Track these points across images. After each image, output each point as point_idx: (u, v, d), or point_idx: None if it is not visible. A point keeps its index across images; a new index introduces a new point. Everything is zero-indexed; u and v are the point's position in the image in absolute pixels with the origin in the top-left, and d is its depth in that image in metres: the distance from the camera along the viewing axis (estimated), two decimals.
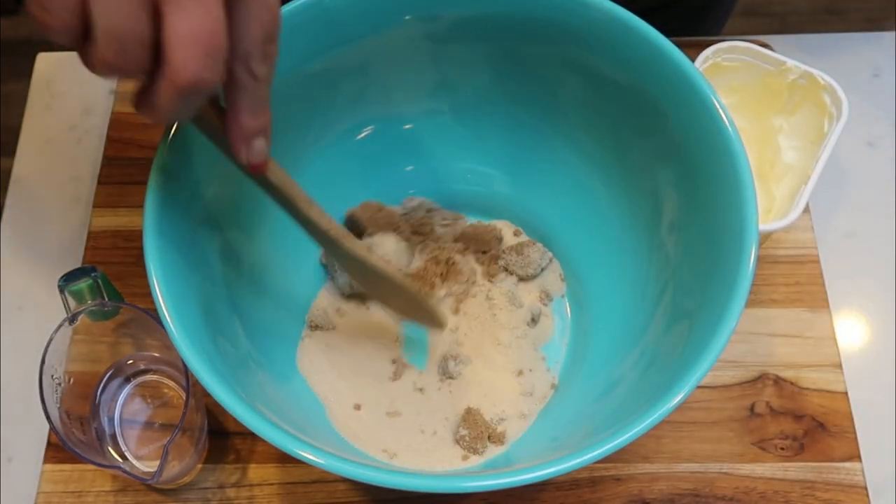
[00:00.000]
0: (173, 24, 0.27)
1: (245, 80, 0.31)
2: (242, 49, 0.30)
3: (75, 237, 0.57)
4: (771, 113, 0.56)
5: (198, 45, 0.28)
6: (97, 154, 0.60)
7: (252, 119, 0.33)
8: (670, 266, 0.45)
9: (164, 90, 0.29)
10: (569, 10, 0.43)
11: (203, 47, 0.28)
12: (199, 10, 0.27)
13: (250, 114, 0.33)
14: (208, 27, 0.28)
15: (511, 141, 0.53)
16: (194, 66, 0.28)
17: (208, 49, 0.28)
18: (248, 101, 0.32)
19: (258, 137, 0.34)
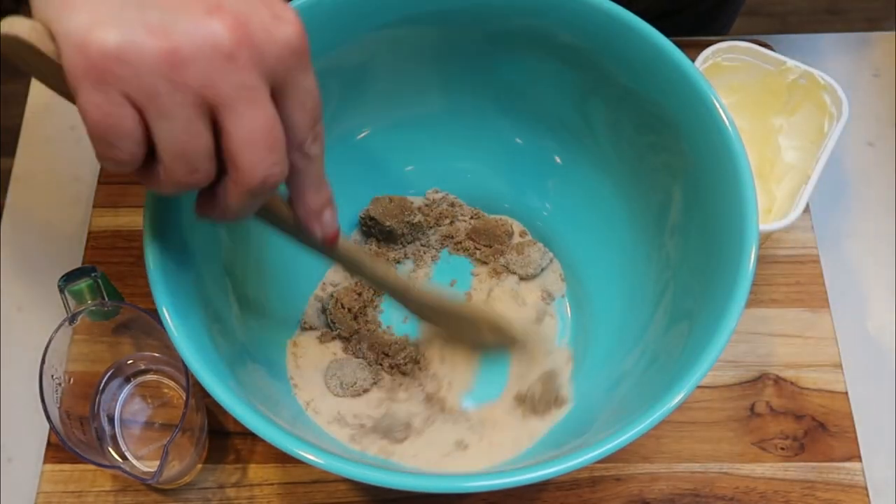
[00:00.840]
0: (234, 130, 0.29)
1: (303, 164, 0.33)
2: (296, 138, 0.32)
3: (75, 237, 0.57)
4: (771, 113, 0.56)
5: (261, 144, 0.29)
6: None
7: (317, 196, 0.35)
8: (670, 266, 0.45)
9: (234, 192, 0.30)
10: (569, 10, 0.43)
11: (266, 145, 0.29)
12: (254, 112, 0.29)
13: (315, 192, 0.35)
14: (266, 125, 0.29)
15: (511, 141, 0.53)
16: (262, 164, 0.29)
17: (271, 146, 0.29)
18: (311, 181, 0.34)
19: (326, 210, 0.36)
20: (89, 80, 0.27)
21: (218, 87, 0.28)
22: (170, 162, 0.29)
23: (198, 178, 0.30)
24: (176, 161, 0.29)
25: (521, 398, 0.47)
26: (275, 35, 0.29)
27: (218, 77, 0.28)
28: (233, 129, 0.29)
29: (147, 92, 0.27)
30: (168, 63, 0.27)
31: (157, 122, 0.28)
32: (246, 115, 0.29)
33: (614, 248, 0.50)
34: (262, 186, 0.30)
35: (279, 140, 0.30)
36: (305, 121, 0.32)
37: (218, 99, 0.28)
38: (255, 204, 0.31)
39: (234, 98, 0.28)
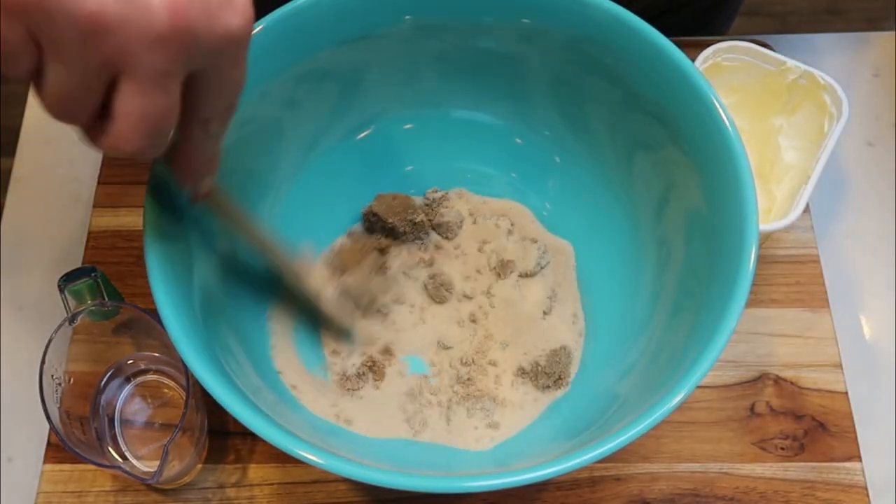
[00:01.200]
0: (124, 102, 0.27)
1: (201, 136, 0.33)
2: (202, 115, 0.31)
3: (75, 237, 0.56)
4: (771, 113, 0.56)
5: (142, 127, 0.28)
6: (97, 154, 0.59)
7: (203, 164, 0.35)
8: (671, 265, 0.45)
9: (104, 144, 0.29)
10: (569, 10, 0.43)
11: (146, 130, 0.28)
12: (152, 95, 0.27)
13: (202, 160, 0.35)
14: (156, 112, 0.28)
15: (511, 141, 0.53)
16: (133, 142, 0.28)
17: (150, 132, 0.28)
18: (202, 150, 0.34)
19: (206, 177, 0.36)
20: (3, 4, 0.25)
21: (131, 60, 0.26)
22: (48, 97, 0.28)
23: (73, 121, 0.29)
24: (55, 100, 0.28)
25: (524, 371, 0.47)
26: (216, 24, 0.27)
27: (136, 52, 0.26)
28: (127, 101, 0.28)
29: (54, 39, 0.26)
30: (90, 23, 0.25)
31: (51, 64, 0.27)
32: (146, 95, 0.27)
33: (614, 248, 0.50)
34: (128, 156, 0.29)
35: (165, 127, 0.29)
36: (218, 105, 0.31)
37: (127, 70, 0.27)
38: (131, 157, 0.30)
39: (143, 76, 0.27)
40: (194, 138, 0.33)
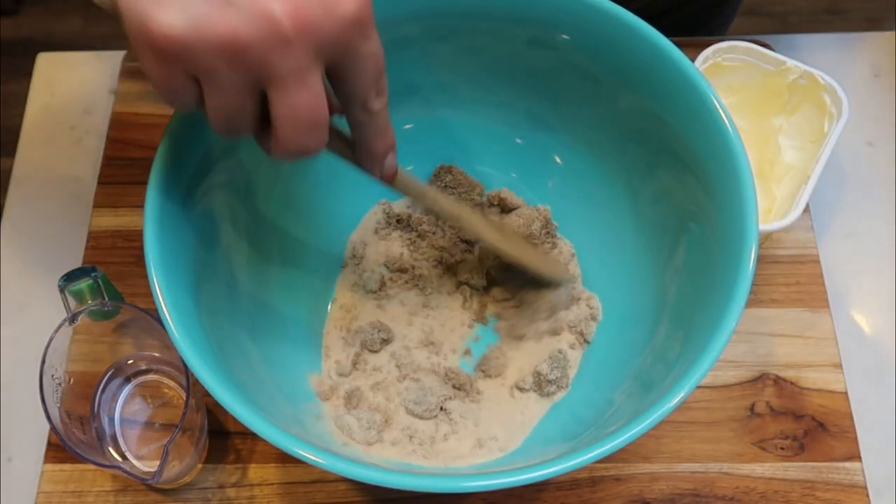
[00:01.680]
0: (278, 106, 0.31)
1: (365, 118, 0.35)
2: (358, 97, 0.34)
3: (75, 237, 0.56)
4: (771, 113, 0.56)
5: (300, 122, 0.31)
6: (97, 154, 0.60)
7: (379, 144, 0.37)
8: (671, 264, 0.45)
9: (276, 150, 0.32)
10: (569, 9, 0.43)
11: (305, 124, 0.31)
12: (299, 92, 0.30)
13: (377, 141, 0.37)
14: (308, 104, 0.31)
15: (511, 141, 0.53)
16: (298, 139, 0.32)
17: (309, 124, 0.31)
18: (373, 132, 0.36)
19: (389, 155, 0.38)
20: (152, 54, 0.29)
21: (271, 69, 0.29)
22: (215, 119, 0.31)
23: (240, 134, 0.32)
24: (220, 119, 0.31)
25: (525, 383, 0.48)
26: (334, 14, 0.30)
27: (273, 60, 0.29)
28: (277, 105, 0.31)
29: (205, 71, 0.29)
30: (229, 49, 0.28)
31: (208, 91, 0.30)
32: (291, 94, 0.30)
33: (615, 247, 0.50)
34: (298, 154, 0.32)
35: (318, 119, 0.31)
36: (366, 82, 0.33)
37: (269, 78, 0.30)
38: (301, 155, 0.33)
39: (283, 78, 0.30)
40: (361, 123, 0.35)
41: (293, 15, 0.28)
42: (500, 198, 0.52)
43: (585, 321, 0.49)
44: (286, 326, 0.49)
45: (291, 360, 0.48)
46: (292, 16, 0.28)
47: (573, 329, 0.49)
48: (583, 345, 0.49)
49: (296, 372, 0.47)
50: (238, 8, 0.28)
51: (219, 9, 0.28)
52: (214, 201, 0.43)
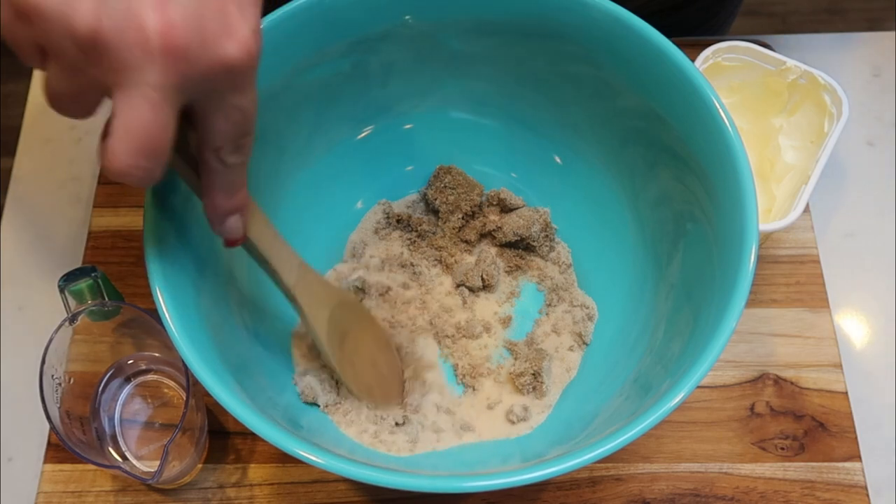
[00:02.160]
0: (116, 117, 0.28)
1: (216, 166, 0.32)
2: (213, 143, 0.31)
3: (75, 237, 0.57)
4: (771, 113, 0.56)
5: (132, 143, 0.28)
6: (97, 154, 0.59)
7: (226, 200, 0.34)
8: (671, 264, 0.45)
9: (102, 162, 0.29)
10: (569, 9, 0.43)
11: (136, 147, 0.28)
12: (143, 111, 0.27)
13: (224, 195, 0.34)
14: (147, 129, 0.28)
15: (511, 141, 0.53)
16: (124, 160, 0.28)
17: (140, 150, 0.28)
18: (221, 185, 0.33)
19: (232, 216, 0.35)
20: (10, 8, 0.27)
21: (121, 75, 0.27)
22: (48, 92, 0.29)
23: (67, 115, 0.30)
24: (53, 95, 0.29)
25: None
26: (210, 51, 0.27)
27: (127, 69, 0.27)
28: (116, 115, 0.28)
29: (53, 48, 0.27)
30: (86, 39, 0.26)
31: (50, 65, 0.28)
32: (133, 109, 0.28)
33: (614, 247, 0.50)
34: (125, 177, 0.29)
35: (154, 147, 0.28)
36: (226, 131, 0.31)
37: (117, 83, 0.27)
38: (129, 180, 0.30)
39: (130, 89, 0.27)
40: (210, 169, 0.33)
41: (164, 33, 0.26)
42: (500, 198, 0.52)
43: (583, 322, 0.49)
44: (286, 326, 0.49)
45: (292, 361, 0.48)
46: (163, 34, 0.26)
47: (571, 330, 0.49)
48: (581, 346, 0.49)
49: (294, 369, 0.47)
50: (109, 3, 0.26)
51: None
52: None
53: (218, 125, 0.30)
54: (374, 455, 0.44)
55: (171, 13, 0.26)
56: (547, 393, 0.47)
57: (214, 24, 0.27)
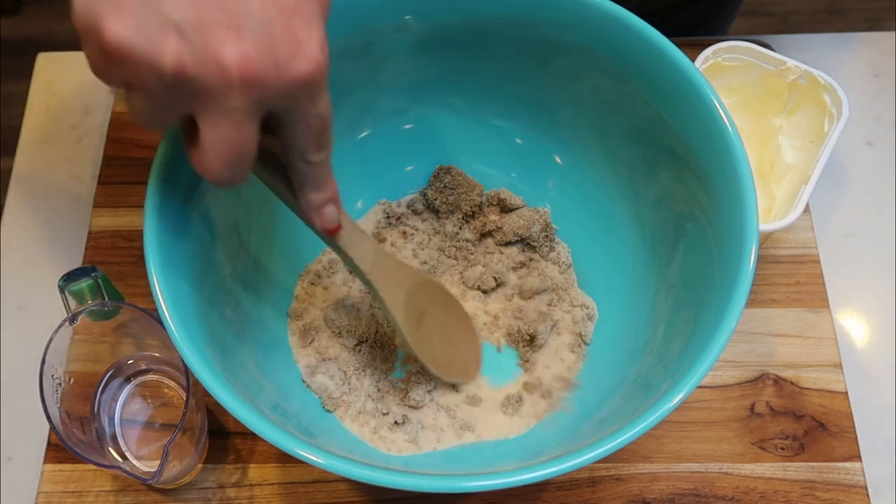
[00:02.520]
0: (204, 136, 0.31)
1: (303, 167, 0.35)
2: (297, 148, 0.34)
3: (75, 237, 0.57)
4: (771, 113, 0.56)
5: (220, 157, 0.31)
6: (97, 154, 0.60)
7: (318, 194, 0.37)
8: (671, 265, 0.45)
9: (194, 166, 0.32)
10: (568, 10, 0.43)
11: (224, 160, 0.31)
12: (228, 130, 0.30)
13: (315, 190, 0.37)
14: (233, 144, 0.31)
15: (511, 141, 0.53)
16: (215, 171, 0.32)
17: (228, 162, 0.31)
18: (311, 182, 0.36)
19: (326, 207, 0.38)
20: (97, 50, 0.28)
21: (205, 104, 0.29)
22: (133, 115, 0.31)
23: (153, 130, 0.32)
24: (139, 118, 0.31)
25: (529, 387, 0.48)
26: (285, 73, 0.30)
27: (209, 97, 0.29)
28: (204, 135, 0.31)
29: (140, 84, 0.29)
30: (171, 77, 0.28)
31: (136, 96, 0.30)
32: (218, 130, 0.30)
33: (614, 247, 0.50)
34: (214, 183, 0.32)
35: (240, 158, 0.31)
36: (307, 138, 0.33)
37: (201, 110, 0.30)
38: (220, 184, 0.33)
39: (215, 115, 0.30)
40: (298, 171, 0.35)
41: (241, 65, 0.28)
42: (500, 198, 0.52)
43: (583, 322, 0.49)
44: (286, 326, 0.49)
45: (291, 360, 0.48)
46: (240, 66, 0.28)
47: (571, 330, 0.49)
48: (582, 346, 0.49)
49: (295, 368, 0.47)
50: (190, 42, 0.28)
51: (173, 36, 0.28)
52: (214, 201, 0.43)
53: (299, 133, 0.33)
54: (375, 455, 0.44)
55: (245, 45, 0.28)
56: (543, 345, 0.47)
57: (285, 46, 0.29)
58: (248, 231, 0.47)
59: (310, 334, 0.48)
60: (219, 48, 0.28)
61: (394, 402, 0.47)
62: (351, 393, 0.46)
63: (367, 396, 0.46)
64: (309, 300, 0.49)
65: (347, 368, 0.47)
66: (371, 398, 0.46)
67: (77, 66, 0.64)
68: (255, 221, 0.47)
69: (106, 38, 0.28)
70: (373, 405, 0.46)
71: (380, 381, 0.47)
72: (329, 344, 0.48)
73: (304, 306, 0.49)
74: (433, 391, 0.47)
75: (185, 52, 0.28)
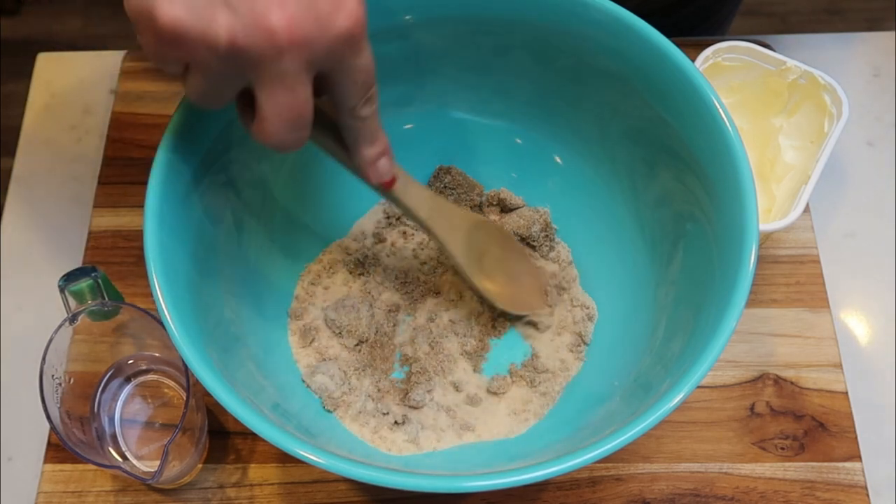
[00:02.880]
0: (262, 105, 0.32)
1: (354, 124, 0.37)
2: (347, 105, 0.36)
3: (75, 237, 0.57)
4: (771, 113, 0.56)
5: (281, 121, 0.33)
6: (97, 154, 0.60)
7: (371, 149, 0.39)
8: (671, 265, 0.45)
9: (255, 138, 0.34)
10: (568, 10, 0.43)
11: (285, 124, 0.33)
12: (284, 94, 0.32)
13: (368, 145, 0.38)
14: (291, 106, 0.32)
15: (511, 141, 0.53)
16: (277, 136, 0.33)
17: (289, 125, 0.33)
18: (363, 137, 0.38)
19: (381, 160, 0.39)
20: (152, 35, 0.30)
21: (260, 72, 0.31)
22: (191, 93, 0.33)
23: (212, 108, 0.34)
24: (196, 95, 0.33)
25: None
26: (329, 29, 0.31)
27: (263, 65, 0.31)
28: (262, 103, 0.32)
29: (197, 61, 0.31)
30: (224, 50, 0.30)
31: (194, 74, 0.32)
32: (275, 96, 0.32)
33: (614, 247, 0.50)
34: (278, 147, 0.34)
35: (300, 120, 0.33)
36: (355, 92, 0.35)
37: (257, 78, 0.31)
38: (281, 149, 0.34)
39: (270, 80, 0.31)
40: (350, 128, 0.37)
41: (288, 28, 0.30)
42: (500, 198, 0.52)
43: (583, 322, 0.49)
44: (286, 326, 0.49)
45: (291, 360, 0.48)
46: (287, 28, 0.30)
47: (571, 330, 0.49)
48: (582, 346, 0.49)
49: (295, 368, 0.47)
50: (238, 14, 0.29)
51: (222, 11, 0.29)
52: (215, 201, 0.43)
53: (348, 88, 0.34)
54: (375, 455, 0.44)
55: (289, 8, 0.30)
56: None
57: (325, 4, 0.31)
58: (249, 231, 0.47)
59: (310, 334, 0.48)
60: (266, 15, 0.30)
61: (394, 402, 0.47)
62: (351, 393, 0.46)
63: (368, 396, 0.46)
64: (309, 300, 0.49)
65: (347, 368, 0.47)
66: (371, 398, 0.46)
67: (77, 66, 0.64)
68: (256, 222, 0.47)
69: (161, 23, 0.29)
70: (373, 405, 0.46)
71: (380, 381, 0.47)
72: (329, 344, 0.48)
73: (304, 306, 0.49)
74: (433, 391, 0.47)
75: (235, 23, 0.29)
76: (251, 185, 0.47)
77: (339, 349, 0.48)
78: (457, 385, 0.48)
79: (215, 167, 0.43)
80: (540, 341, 0.49)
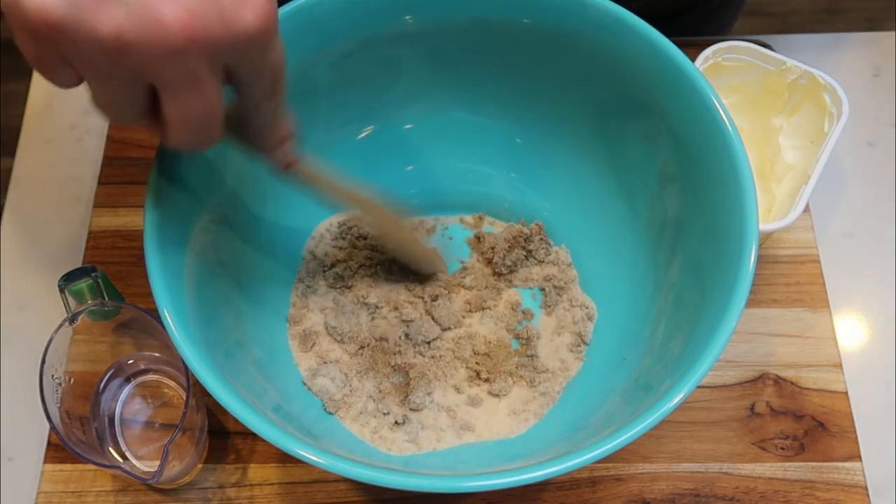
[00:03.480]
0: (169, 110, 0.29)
1: (259, 116, 0.35)
2: (251, 101, 0.33)
3: (75, 237, 0.57)
4: (771, 113, 0.56)
5: (191, 126, 0.30)
6: (97, 154, 0.60)
7: (273, 135, 0.37)
8: (671, 265, 0.45)
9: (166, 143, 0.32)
10: (568, 10, 0.43)
11: (196, 128, 0.30)
12: (191, 97, 0.29)
13: (271, 132, 0.36)
14: (200, 110, 0.30)
15: (511, 141, 0.53)
16: (188, 140, 0.31)
17: (200, 128, 0.31)
18: (267, 125, 0.36)
19: (285, 143, 0.37)
20: (25, 32, 0.26)
21: (158, 74, 0.28)
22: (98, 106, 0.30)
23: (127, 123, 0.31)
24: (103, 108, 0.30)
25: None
26: (232, 26, 0.28)
27: (161, 66, 0.27)
28: (168, 109, 0.29)
29: (82, 62, 0.27)
30: (111, 47, 0.26)
31: (88, 80, 0.28)
32: (182, 99, 0.29)
33: (614, 247, 0.50)
34: (189, 149, 0.32)
35: (210, 121, 0.30)
36: (262, 89, 0.32)
37: (157, 82, 0.28)
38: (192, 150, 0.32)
39: (173, 84, 0.28)
40: (252, 119, 0.35)
41: (185, 24, 0.26)
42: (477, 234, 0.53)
43: (582, 322, 0.49)
44: (286, 325, 0.49)
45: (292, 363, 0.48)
46: (184, 24, 0.26)
47: (571, 330, 0.49)
48: (581, 346, 0.49)
49: (296, 371, 0.47)
50: (126, 5, 0.26)
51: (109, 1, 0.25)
52: (215, 201, 0.43)
53: (253, 86, 0.32)
54: (375, 455, 0.44)
55: (188, 3, 0.26)
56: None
57: None
58: (249, 233, 0.47)
59: (310, 339, 0.48)
60: (158, 8, 0.26)
61: (394, 402, 0.47)
62: (352, 395, 0.46)
63: (369, 398, 0.46)
64: (305, 307, 0.49)
65: (349, 371, 0.47)
66: (372, 399, 0.46)
67: None
68: (256, 222, 0.47)
69: (27, 13, 0.25)
70: (374, 406, 0.46)
71: (381, 383, 0.47)
72: (330, 348, 0.48)
73: (302, 312, 0.49)
74: (433, 393, 0.47)
75: (121, 17, 0.26)
76: (250, 189, 0.47)
77: (340, 353, 0.48)
78: (457, 387, 0.48)
79: (216, 166, 0.43)
80: (540, 341, 0.49)
